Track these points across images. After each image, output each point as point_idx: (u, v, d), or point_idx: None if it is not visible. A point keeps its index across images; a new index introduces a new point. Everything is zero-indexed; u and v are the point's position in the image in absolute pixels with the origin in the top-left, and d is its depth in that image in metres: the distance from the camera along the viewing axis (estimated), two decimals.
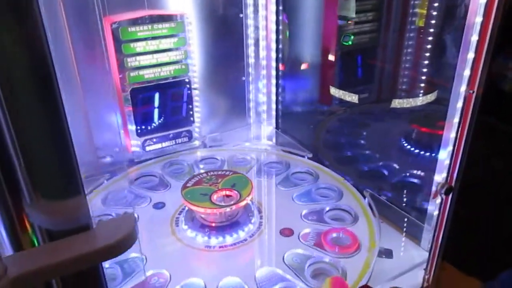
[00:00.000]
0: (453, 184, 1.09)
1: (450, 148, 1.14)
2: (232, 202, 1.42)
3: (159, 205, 1.61)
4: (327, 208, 1.54)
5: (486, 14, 0.92)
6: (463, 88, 1.06)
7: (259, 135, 2.22)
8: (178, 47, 1.81)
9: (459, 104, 1.08)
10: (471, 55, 1.00)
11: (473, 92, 0.97)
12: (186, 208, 1.53)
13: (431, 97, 1.85)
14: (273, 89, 2.15)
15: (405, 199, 1.58)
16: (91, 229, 0.64)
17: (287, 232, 1.43)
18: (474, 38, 0.99)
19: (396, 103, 1.88)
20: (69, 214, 0.64)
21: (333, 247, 1.33)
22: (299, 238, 1.41)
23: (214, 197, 1.44)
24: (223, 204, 1.42)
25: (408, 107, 1.88)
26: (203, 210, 1.41)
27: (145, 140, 1.89)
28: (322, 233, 1.39)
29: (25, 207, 0.61)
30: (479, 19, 0.96)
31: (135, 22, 1.70)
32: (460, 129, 1.06)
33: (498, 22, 0.91)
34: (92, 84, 1.73)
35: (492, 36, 0.92)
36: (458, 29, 1.69)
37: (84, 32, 1.66)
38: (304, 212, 1.53)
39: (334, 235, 1.40)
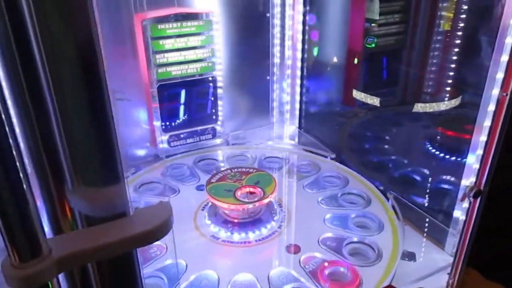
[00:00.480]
0: (481, 188, 1.07)
1: (480, 152, 1.13)
2: (255, 199, 1.44)
3: (184, 198, 1.63)
4: (353, 215, 1.51)
5: None
6: (495, 91, 1.05)
7: (281, 134, 2.23)
8: (205, 45, 1.84)
9: (491, 107, 1.06)
10: (505, 58, 0.99)
11: (507, 94, 0.96)
12: (210, 203, 1.55)
13: (455, 102, 1.83)
14: (297, 89, 2.15)
15: (429, 203, 1.56)
16: (129, 216, 0.66)
17: (293, 249, 1.38)
18: (509, 40, 0.98)
19: (419, 107, 1.86)
20: (108, 201, 0.66)
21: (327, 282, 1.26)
22: (318, 243, 1.40)
23: (238, 193, 1.45)
24: (246, 200, 1.44)
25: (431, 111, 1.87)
26: (227, 206, 1.42)
27: (171, 136, 1.92)
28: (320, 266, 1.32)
29: (67, 193, 0.64)
30: None
31: (164, 19, 1.73)
32: (491, 132, 1.04)
33: None
34: (120, 80, 1.77)
35: None
36: (487, 32, 1.67)
37: (114, 28, 1.70)
38: (327, 216, 1.52)
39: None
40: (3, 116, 0.50)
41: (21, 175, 0.53)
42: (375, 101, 1.97)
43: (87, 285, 0.68)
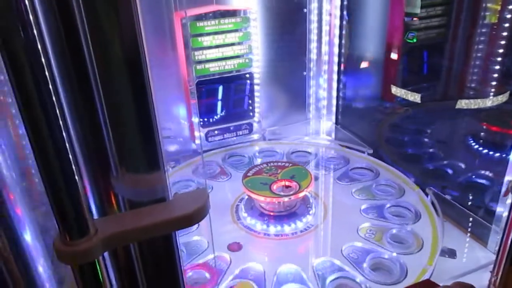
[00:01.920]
0: None
1: None
2: (291, 192, 1.45)
3: (219, 193, 1.67)
4: (388, 205, 1.51)
5: None
6: None
7: (318, 130, 2.22)
8: (242, 41, 1.87)
9: None
10: None
11: None
12: (246, 197, 1.58)
13: (502, 98, 1.76)
14: (334, 85, 2.14)
15: (471, 199, 1.52)
16: (168, 200, 0.70)
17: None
18: None
19: (463, 103, 1.81)
20: (149, 187, 0.70)
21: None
22: (357, 232, 1.40)
23: (274, 187, 1.47)
24: (282, 193, 1.45)
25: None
26: (263, 199, 1.45)
27: (208, 132, 1.97)
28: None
29: (112, 179, 0.68)
30: None
31: (203, 17, 1.77)
32: None
33: None
34: (160, 77, 1.83)
35: None
36: None
37: (155, 26, 1.76)
38: (363, 207, 1.52)
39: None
40: (57, 111, 0.54)
41: (72, 163, 0.57)
42: (416, 97, 1.93)
43: (130, 265, 0.72)
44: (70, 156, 0.56)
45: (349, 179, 1.72)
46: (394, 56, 2.11)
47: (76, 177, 0.58)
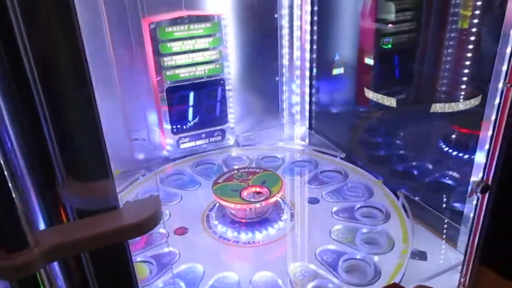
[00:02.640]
0: (489, 182, 1.04)
1: (487, 146, 1.10)
2: (262, 198, 1.43)
3: (190, 204, 1.64)
4: (358, 206, 1.52)
5: None
6: (501, 84, 1.02)
7: (292, 135, 2.22)
8: (213, 47, 1.85)
9: (497, 100, 1.03)
10: (509, 49, 0.96)
11: (511, 85, 0.93)
12: (217, 205, 1.55)
13: (475, 101, 1.78)
14: (307, 90, 2.14)
15: (440, 201, 1.53)
16: (119, 209, 0.67)
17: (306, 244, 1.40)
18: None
19: (437, 107, 1.82)
20: (98, 195, 0.67)
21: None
22: (330, 235, 1.39)
23: (244, 193, 1.45)
24: (253, 200, 1.43)
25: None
26: (233, 206, 1.42)
27: (180, 138, 1.94)
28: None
29: (58, 187, 0.65)
30: None
31: (172, 22, 1.75)
32: (497, 125, 1.01)
33: None
34: (130, 83, 1.80)
35: None
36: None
37: (123, 32, 1.73)
38: (334, 209, 1.51)
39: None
40: None
41: (4, 172, 0.54)
42: (392, 102, 1.94)
43: (82, 276, 0.69)
44: (3, 164, 0.53)
45: (319, 182, 1.72)
46: (367, 60, 2.13)
47: (11, 186, 0.55)
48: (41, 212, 0.67)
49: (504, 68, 1.01)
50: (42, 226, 0.67)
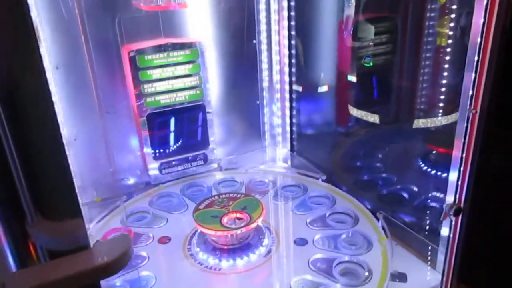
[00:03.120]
0: (462, 205, 1.07)
1: (457, 167, 1.13)
2: (242, 225, 1.43)
3: (174, 228, 1.63)
4: (341, 235, 1.51)
5: (485, 34, 0.93)
6: (467, 107, 1.05)
7: (274, 158, 2.23)
8: (193, 73, 1.87)
9: (465, 124, 1.07)
10: (473, 75, 1.00)
11: (476, 112, 0.96)
12: (199, 231, 1.55)
13: (455, 116, 1.82)
14: (287, 112, 2.17)
15: (420, 222, 1.55)
16: (89, 249, 0.67)
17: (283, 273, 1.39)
18: (475, 58, 0.99)
19: (420, 123, 1.86)
20: (68, 235, 0.67)
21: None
22: (308, 264, 1.38)
23: (225, 219, 1.45)
24: (233, 226, 1.43)
25: (426, 127, 1.86)
26: (213, 233, 1.42)
27: (162, 164, 1.94)
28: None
29: (28, 227, 0.65)
30: (479, 39, 0.96)
31: (152, 50, 1.77)
32: (465, 149, 1.04)
33: (498, 41, 0.91)
34: (111, 109, 1.81)
35: (493, 56, 0.92)
36: None
37: (104, 60, 1.74)
38: (316, 237, 1.51)
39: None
40: None
41: None
42: (375, 118, 1.98)
43: None
44: None
45: (305, 208, 1.71)
46: (349, 78, 2.17)
47: None
48: (10, 252, 0.67)
49: (470, 93, 1.05)
50: (12, 268, 0.67)
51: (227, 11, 1.93)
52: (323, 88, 2.23)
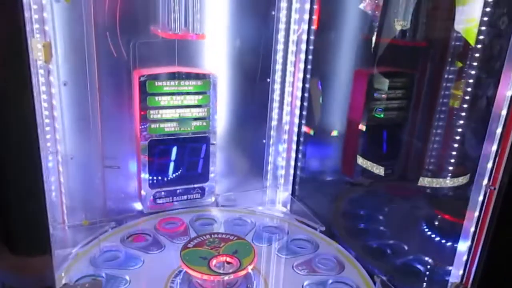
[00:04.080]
0: (469, 286, 0.98)
1: (469, 243, 1.05)
2: (230, 270, 1.35)
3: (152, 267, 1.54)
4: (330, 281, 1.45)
5: None
6: (485, 181, 0.99)
7: (274, 200, 2.15)
8: (202, 104, 1.83)
9: (481, 198, 1.00)
10: (494, 148, 0.94)
11: (495, 188, 0.89)
12: (184, 270, 1.46)
13: (462, 179, 1.76)
14: (293, 154, 2.12)
15: None
16: None
17: None
18: (499, 130, 0.93)
19: (425, 181, 1.79)
20: (34, 273, 0.60)
21: None
22: None
23: (213, 262, 1.37)
24: (221, 271, 1.35)
25: (434, 189, 1.79)
26: (200, 276, 1.33)
27: (157, 192, 1.87)
28: None
29: None
30: (504, 112, 0.91)
31: (163, 76, 1.74)
32: (480, 223, 0.97)
33: None
34: (114, 132, 1.76)
35: None
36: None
37: (113, 81, 1.72)
38: (306, 283, 1.43)
39: None
40: None
41: None
42: (380, 170, 1.91)
43: None
44: None
45: (308, 268, 1.57)
46: (356, 130, 2.12)
47: None
48: None
49: (489, 165, 0.98)
50: None
51: (245, 46, 1.92)
52: (333, 134, 2.18)
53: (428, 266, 1.61)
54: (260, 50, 1.95)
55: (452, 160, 1.89)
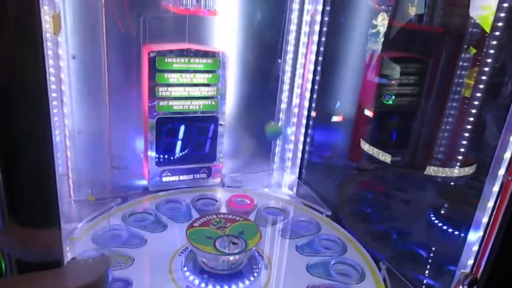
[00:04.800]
0: (479, 275, 0.97)
1: (481, 233, 1.03)
2: (236, 251, 1.34)
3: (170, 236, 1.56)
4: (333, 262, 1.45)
5: None
6: (501, 171, 0.96)
7: (280, 183, 2.14)
8: (211, 83, 1.81)
9: (495, 188, 0.97)
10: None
11: None
12: (189, 249, 1.46)
13: (469, 170, 1.73)
14: (301, 138, 2.09)
15: (425, 280, 1.44)
16: (62, 267, 0.59)
17: None
18: None
19: (431, 170, 1.77)
20: (42, 247, 0.59)
21: None
22: None
23: (218, 242, 1.36)
24: (226, 251, 1.34)
25: (442, 177, 1.77)
26: (205, 255, 1.33)
27: (163, 171, 1.86)
28: None
29: None
30: None
31: (173, 53, 1.71)
32: (494, 215, 0.95)
33: None
34: (121, 107, 1.74)
35: None
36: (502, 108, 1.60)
37: (123, 56, 1.69)
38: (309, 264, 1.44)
39: None
40: None
41: None
42: (386, 158, 1.89)
43: None
44: None
45: (310, 249, 1.57)
46: (366, 115, 2.09)
47: None
48: None
49: (507, 155, 0.96)
50: None
51: (257, 25, 1.88)
52: (341, 119, 2.16)
53: (432, 254, 1.60)
54: (272, 30, 1.91)
55: (462, 150, 1.87)
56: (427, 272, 1.50)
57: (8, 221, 0.56)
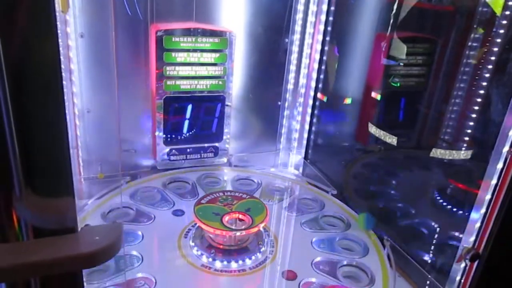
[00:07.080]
0: (480, 250, 0.99)
1: (483, 210, 1.04)
2: (243, 227, 1.37)
3: (177, 213, 1.59)
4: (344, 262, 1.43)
5: None
6: (506, 148, 0.97)
7: (286, 163, 2.16)
8: (218, 62, 1.81)
9: (499, 165, 0.98)
10: None
11: None
12: (197, 225, 1.49)
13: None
14: (307, 118, 2.10)
15: (427, 257, 1.47)
16: (76, 233, 0.62)
17: (291, 276, 1.34)
18: None
19: (438, 152, 1.77)
20: (56, 214, 0.61)
21: None
22: (311, 265, 1.36)
23: (226, 218, 1.39)
24: (233, 227, 1.37)
25: (448, 159, 1.77)
26: (212, 230, 1.36)
27: (171, 150, 1.88)
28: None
29: (14, 200, 0.59)
30: None
31: (180, 32, 1.71)
32: (497, 191, 0.96)
33: None
34: (129, 87, 1.76)
35: None
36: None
37: (130, 35, 1.70)
38: (317, 259, 1.43)
39: None
40: None
41: None
42: (393, 140, 1.89)
43: None
44: None
45: (314, 225, 1.61)
46: (373, 97, 2.09)
47: None
48: None
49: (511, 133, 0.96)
50: None
51: (264, 4, 1.87)
52: (348, 100, 2.15)
53: (434, 231, 1.61)
54: (280, 9, 1.90)
55: (469, 131, 1.87)
56: (430, 250, 1.52)
57: (24, 190, 0.58)
